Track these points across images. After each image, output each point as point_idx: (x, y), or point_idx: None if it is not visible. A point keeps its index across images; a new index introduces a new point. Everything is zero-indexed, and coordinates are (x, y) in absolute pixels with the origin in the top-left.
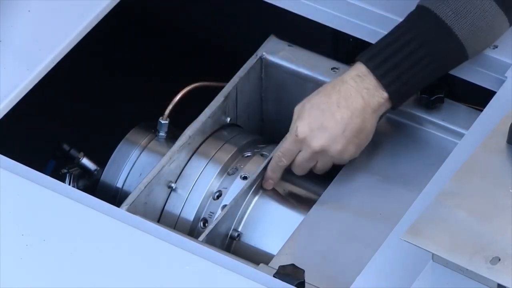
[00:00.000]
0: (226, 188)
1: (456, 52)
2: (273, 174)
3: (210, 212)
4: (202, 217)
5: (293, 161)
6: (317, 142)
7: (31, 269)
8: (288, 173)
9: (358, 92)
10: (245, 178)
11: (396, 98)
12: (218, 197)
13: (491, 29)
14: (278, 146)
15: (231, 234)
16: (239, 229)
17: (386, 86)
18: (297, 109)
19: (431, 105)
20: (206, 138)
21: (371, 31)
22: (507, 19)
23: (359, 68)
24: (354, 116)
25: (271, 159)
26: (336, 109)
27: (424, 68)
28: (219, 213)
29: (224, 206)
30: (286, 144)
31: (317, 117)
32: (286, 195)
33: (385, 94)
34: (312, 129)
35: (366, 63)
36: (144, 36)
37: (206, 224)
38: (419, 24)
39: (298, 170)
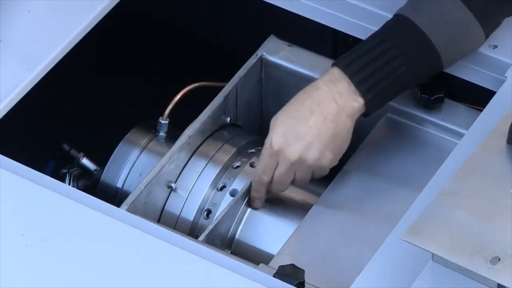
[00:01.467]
0: (227, 184)
1: (432, 62)
2: (258, 194)
3: (213, 204)
4: (206, 208)
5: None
6: (293, 151)
7: (31, 269)
8: None
9: (331, 96)
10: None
11: (372, 105)
12: (222, 188)
13: (467, 41)
14: (257, 164)
15: (234, 227)
16: (239, 229)
17: (363, 94)
18: (271, 122)
19: (431, 105)
20: (206, 138)
21: (371, 31)
22: (484, 32)
23: (332, 73)
24: (327, 121)
25: None
26: (309, 116)
27: (400, 77)
28: (222, 206)
29: (234, 190)
30: (263, 159)
31: (290, 126)
32: (286, 195)
33: (360, 100)
34: (287, 138)
35: (343, 70)
36: (144, 36)
37: (210, 215)
38: (397, 32)
39: (278, 186)
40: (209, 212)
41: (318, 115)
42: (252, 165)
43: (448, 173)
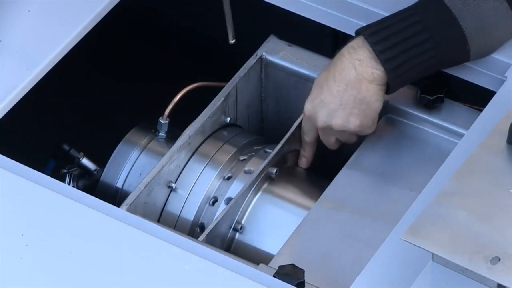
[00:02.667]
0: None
1: (458, 44)
2: (304, 151)
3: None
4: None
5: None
6: (319, 118)
7: (31, 269)
8: (288, 173)
9: (351, 63)
10: (248, 172)
11: (394, 76)
12: (228, 178)
13: (497, 29)
14: None
15: (234, 227)
16: (239, 229)
17: (383, 62)
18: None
19: (431, 105)
20: (206, 138)
21: None
22: None
23: (356, 41)
24: (348, 88)
25: (275, 153)
26: (332, 83)
27: (423, 53)
28: (222, 204)
29: (228, 198)
30: (302, 123)
31: (317, 94)
32: (286, 195)
33: (380, 67)
34: (314, 106)
35: (367, 38)
36: (144, 36)
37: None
38: (425, 8)
39: (326, 144)
40: (215, 200)
41: (340, 82)
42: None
43: (448, 173)
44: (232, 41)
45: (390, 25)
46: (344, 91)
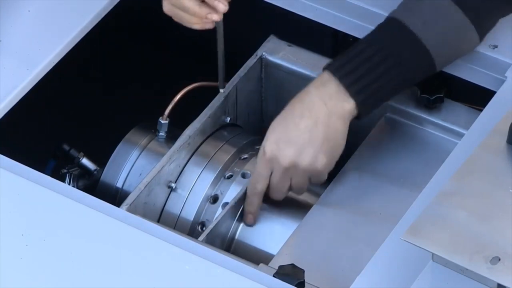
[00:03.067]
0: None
1: (424, 63)
2: (251, 207)
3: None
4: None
5: (268, 186)
6: (285, 156)
7: (31, 269)
8: None
9: (320, 99)
10: (245, 176)
11: (364, 107)
12: (229, 177)
13: (461, 42)
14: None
15: (233, 227)
16: (239, 230)
17: (354, 95)
18: (268, 130)
19: (431, 105)
20: (206, 138)
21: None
22: (477, 33)
23: (323, 77)
24: (318, 124)
25: None
26: (299, 120)
27: (392, 79)
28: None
29: (225, 203)
30: (257, 167)
31: (282, 132)
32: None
33: (351, 101)
34: (279, 144)
35: (333, 73)
36: (144, 36)
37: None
38: (387, 34)
39: (276, 194)
40: (216, 198)
41: (308, 119)
42: (244, 176)
43: (448, 173)
44: (222, 90)
45: (354, 56)
46: (313, 127)
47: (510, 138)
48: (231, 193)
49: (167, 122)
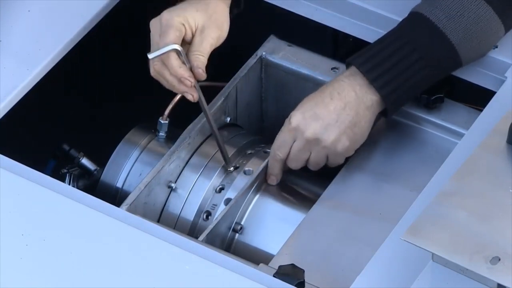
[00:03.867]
0: (229, 183)
1: (449, 57)
2: (273, 170)
3: (213, 205)
4: (205, 210)
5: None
6: (310, 129)
7: (31, 269)
8: (287, 173)
9: (351, 87)
10: (247, 172)
11: (390, 101)
12: (220, 190)
13: (486, 35)
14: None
15: (233, 228)
16: (239, 229)
17: (378, 89)
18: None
19: (431, 105)
20: (206, 138)
21: (371, 31)
22: (503, 26)
23: (350, 70)
24: (347, 108)
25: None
26: (329, 100)
27: (417, 73)
28: (221, 206)
29: (228, 199)
30: (281, 135)
31: (310, 107)
32: (286, 195)
33: (377, 94)
34: (305, 117)
35: (358, 67)
36: (144, 36)
37: (209, 217)
38: (411, 29)
39: (293, 162)
40: (208, 214)
41: (338, 101)
42: (245, 172)
43: (448, 173)
44: (230, 169)
45: (379, 51)
46: (342, 110)
47: (510, 138)
48: (233, 189)
49: (167, 122)
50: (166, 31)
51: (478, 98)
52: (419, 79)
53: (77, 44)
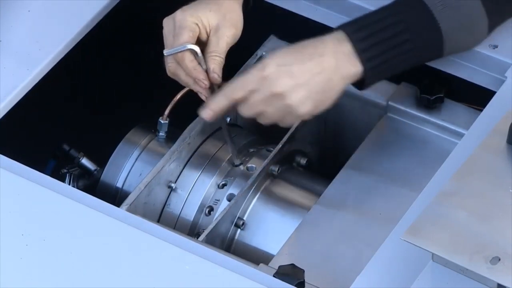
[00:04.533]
0: (232, 179)
1: (434, 45)
2: (216, 105)
3: (216, 200)
4: (207, 205)
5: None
6: (281, 84)
7: (31, 269)
8: (287, 173)
9: (334, 53)
10: (249, 169)
11: (370, 74)
12: (223, 186)
13: (472, 31)
14: (236, 77)
15: (236, 223)
16: (239, 229)
17: (364, 61)
18: (270, 53)
19: (431, 105)
20: (206, 138)
21: None
22: (488, 25)
23: (340, 34)
24: (323, 74)
25: (276, 152)
26: (307, 60)
27: (402, 53)
28: (224, 202)
29: (231, 194)
30: (247, 76)
31: (287, 62)
32: (286, 195)
33: (358, 65)
34: (280, 70)
35: (349, 35)
36: (144, 36)
37: (212, 212)
38: (407, 8)
39: (247, 109)
40: (211, 209)
41: (316, 64)
42: (248, 169)
43: (448, 173)
44: (237, 163)
45: (372, 23)
46: (317, 73)
47: (510, 138)
48: (236, 185)
49: (167, 122)
50: (180, 32)
51: (478, 98)
52: (401, 60)
53: (77, 44)
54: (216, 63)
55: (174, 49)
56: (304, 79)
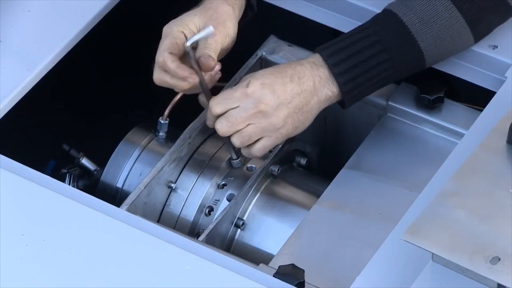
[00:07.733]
0: (231, 180)
1: (415, 60)
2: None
3: (215, 200)
4: (207, 205)
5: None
6: (264, 102)
7: (31, 269)
8: (287, 173)
9: (311, 76)
10: (249, 169)
11: (349, 97)
12: (223, 186)
13: (454, 43)
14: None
15: (235, 223)
16: (239, 229)
17: (341, 84)
18: (250, 74)
19: (431, 105)
20: (206, 138)
21: None
22: (472, 36)
23: (317, 58)
24: (302, 95)
25: (276, 152)
26: (288, 81)
27: (382, 72)
28: (224, 203)
29: (231, 194)
30: (230, 92)
31: (270, 82)
32: (286, 195)
33: (335, 89)
34: (263, 88)
35: (325, 60)
36: (144, 35)
37: (211, 212)
38: (384, 27)
39: (223, 124)
40: (211, 209)
41: (296, 85)
42: (248, 169)
43: (448, 173)
44: (238, 160)
45: (348, 45)
46: (297, 95)
47: (510, 138)
48: (236, 185)
49: (167, 122)
50: (163, 41)
51: (478, 98)
52: (382, 78)
53: (77, 44)
54: (205, 54)
55: (195, 36)
56: (285, 98)
